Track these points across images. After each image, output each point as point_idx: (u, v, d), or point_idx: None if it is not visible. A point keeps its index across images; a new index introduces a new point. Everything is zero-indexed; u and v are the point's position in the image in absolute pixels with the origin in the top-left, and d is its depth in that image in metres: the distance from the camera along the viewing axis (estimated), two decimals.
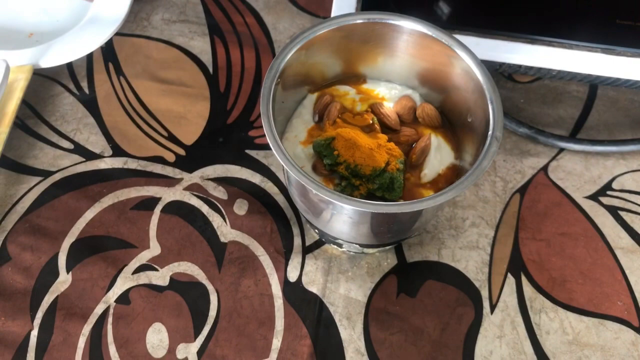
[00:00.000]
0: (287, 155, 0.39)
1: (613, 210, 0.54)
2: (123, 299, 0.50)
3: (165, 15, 0.66)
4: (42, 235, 0.52)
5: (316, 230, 0.51)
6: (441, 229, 0.53)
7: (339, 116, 0.47)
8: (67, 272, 0.51)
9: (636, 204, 0.54)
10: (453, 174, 0.46)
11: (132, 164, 0.56)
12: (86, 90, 0.61)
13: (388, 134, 0.46)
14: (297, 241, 0.52)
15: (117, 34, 0.61)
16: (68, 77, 0.61)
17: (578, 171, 0.56)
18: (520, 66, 0.54)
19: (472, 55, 0.43)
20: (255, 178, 0.55)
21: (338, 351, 0.48)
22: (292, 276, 0.51)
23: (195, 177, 0.55)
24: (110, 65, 0.62)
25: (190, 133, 0.58)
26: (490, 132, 0.40)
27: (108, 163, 0.56)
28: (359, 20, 0.45)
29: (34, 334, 0.48)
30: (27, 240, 0.52)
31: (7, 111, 0.55)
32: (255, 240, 0.52)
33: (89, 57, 0.63)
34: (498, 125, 0.40)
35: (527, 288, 0.50)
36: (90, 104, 0.60)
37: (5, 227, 0.53)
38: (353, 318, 0.49)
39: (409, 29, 0.45)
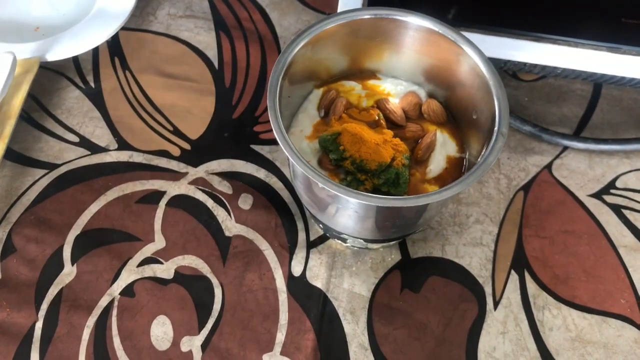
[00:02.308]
0: (294, 149, 0.39)
1: (616, 209, 0.54)
2: (128, 291, 0.50)
3: (171, 10, 0.66)
4: (48, 228, 0.52)
5: (320, 225, 0.51)
6: (445, 225, 0.53)
7: (344, 111, 0.47)
8: (72, 264, 0.51)
9: (639, 202, 0.54)
10: (458, 170, 0.46)
11: (138, 158, 0.56)
12: (92, 84, 0.61)
13: (394, 129, 0.46)
14: (301, 236, 0.52)
15: (123, 28, 0.62)
16: (74, 70, 0.62)
17: (582, 169, 0.56)
18: (525, 64, 0.54)
19: (478, 52, 0.43)
20: (260, 173, 0.55)
21: (342, 346, 0.48)
22: (297, 270, 0.51)
23: (200, 171, 0.55)
24: (116, 60, 0.62)
25: (195, 127, 0.58)
26: (496, 128, 0.40)
27: (113, 156, 0.56)
28: (366, 15, 0.45)
29: (39, 325, 0.48)
30: (32, 232, 0.52)
31: (14, 104, 0.55)
32: (260, 235, 0.52)
33: (95, 51, 0.63)
34: (504, 122, 0.40)
35: (531, 285, 0.50)
36: (96, 97, 0.60)
37: (11, 219, 0.53)
38: (357, 313, 0.49)
39: (415, 25, 0.45)
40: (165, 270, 0.51)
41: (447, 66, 0.46)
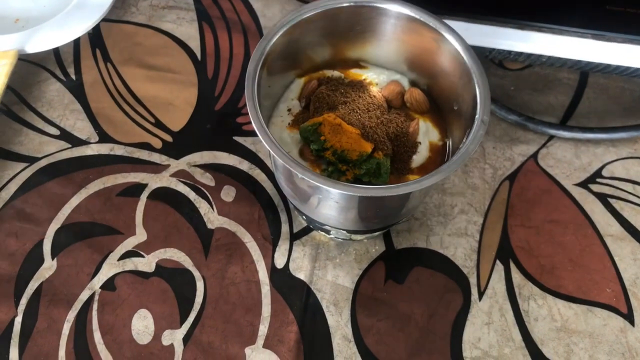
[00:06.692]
0: (273, 139, 0.38)
1: (603, 198, 0.53)
2: (108, 285, 0.49)
3: (153, 1, 0.65)
4: (27, 222, 0.52)
5: (304, 217, 0.50)
6: (429, 215, 0.52)
7: None
8: (52, 258, 0.50)
9: (626, 191, 0.54)
10: (441, 160, 0.46)
11: (119, 150, 0.55)
12: (73, 77, 0.60)
13: None
14: (284, 228, 0.52)
15: (105, 19, 0.61)
16: (54, 63, 0.61)
17: (568, 158, 0.55)
18: (510, 52, 0.53)
19: (460, 39, 0.42)
20: (243, 165, 0.55)
21: (325, 338, 0.47)
22: (280, 263, 0.50)
23: (182, 163, 0.55)
24: (98, 52, 0.62)
25: (177, 119, 0.57)
26: (477, 116, 0.39)
27: (94, 149, 0.55)
28: (345, 3, 0.44)
29: (18, 320, 0.48)
30: (11, 226, 0.51)
31: None
32: (243, 227, 0.52)
33: (76, 43, 0.62)
34: (485, 109, 0.39)
35: (516, 275, 0.50)
36: (77, 90, 0.59)
37: None
38: (340, 304, 0.49)
39: (396, 12, 0.44)
40: (147, 263, 0.50)
41: (429, 54, 0.45)
